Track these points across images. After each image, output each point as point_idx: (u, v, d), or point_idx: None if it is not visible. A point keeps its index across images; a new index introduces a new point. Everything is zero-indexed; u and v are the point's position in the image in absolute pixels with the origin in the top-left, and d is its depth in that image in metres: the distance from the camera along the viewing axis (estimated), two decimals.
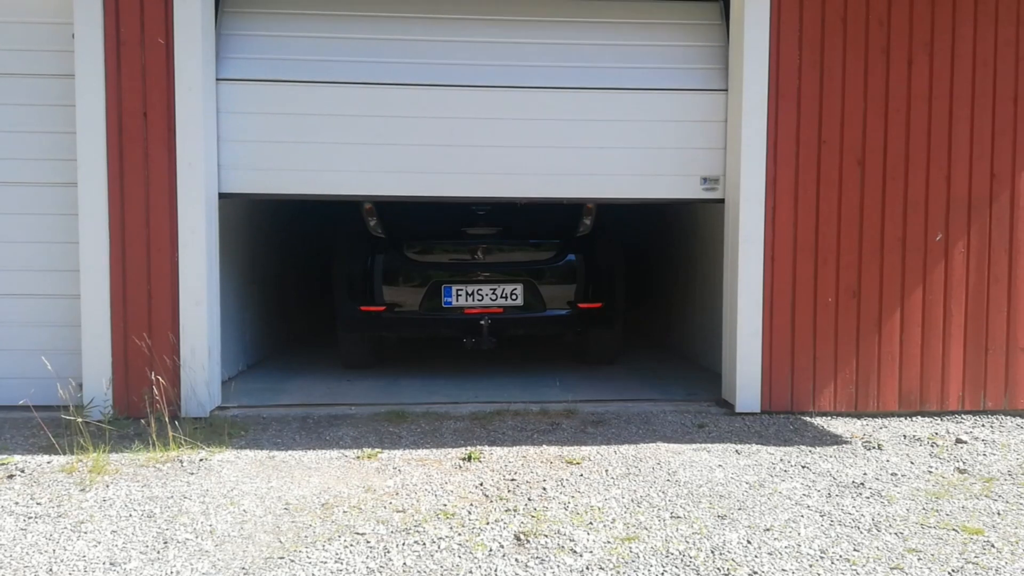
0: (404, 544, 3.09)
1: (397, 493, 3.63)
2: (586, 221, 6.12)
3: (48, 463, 4.01)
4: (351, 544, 3.09)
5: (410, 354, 7.14)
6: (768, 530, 3.25)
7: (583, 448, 4.31)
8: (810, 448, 4.40)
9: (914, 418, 5.06)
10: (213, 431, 4.49)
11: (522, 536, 3.16)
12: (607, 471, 3.94)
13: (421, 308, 5.90)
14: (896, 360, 5.09)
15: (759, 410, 5.04)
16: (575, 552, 3.03)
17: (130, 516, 3.35)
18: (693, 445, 4.40)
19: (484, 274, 5.93)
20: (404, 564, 2.93)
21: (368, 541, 3.12)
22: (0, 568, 2.88)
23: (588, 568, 2.90)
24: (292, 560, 2.96)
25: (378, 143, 5.07)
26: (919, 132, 5.02)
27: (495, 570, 2.88)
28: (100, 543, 3.09)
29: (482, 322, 5.83)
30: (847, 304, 5.05)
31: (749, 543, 3.12)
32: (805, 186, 4.99)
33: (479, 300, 5.88)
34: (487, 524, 3.28)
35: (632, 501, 3.55)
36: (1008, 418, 5.07)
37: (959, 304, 5.10)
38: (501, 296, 5.90)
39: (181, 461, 4.03)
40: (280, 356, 7.12)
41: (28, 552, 3.01)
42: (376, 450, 4.24)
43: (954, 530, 3.29)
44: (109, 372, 4.76)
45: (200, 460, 4.05)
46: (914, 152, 5.03)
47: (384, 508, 3.45)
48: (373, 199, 5.68)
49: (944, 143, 5.03)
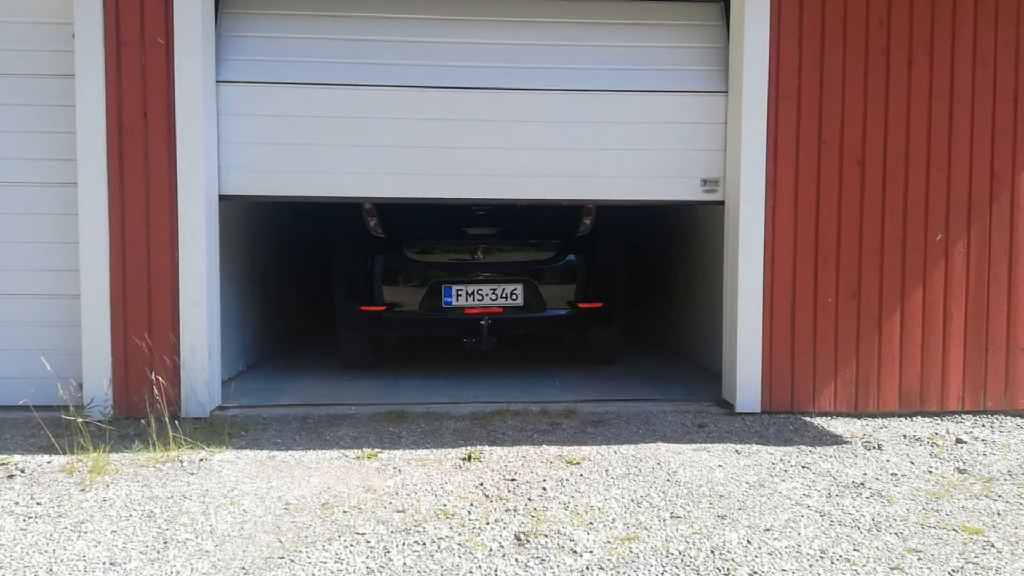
0: (404, 544, 3.09)
1: (397, 493, 3.63)
2: (586, 221, 6.12)
3: (48, 463, 4.01)
4: (351, 544, 3.09)
5: (410, 354, 7.14)
6: (768, 530, 3.25)
7: (583, 448, 4.31)
8: (810, 448, 4.40)
9: (914, 418, 5.06)
10: (213, 431, 4.49)
11: (522, 536, 3.16)
12: (607, 471, 3.94)
13: (421, 308, 5.90)
14: (896, 360, 5.09)
15: (759, 410, 5.04)
16: (575, 552, 3.03)
17: (130, 516, 3.35)
18: (693, 445, 4.41)
19: (484, 274, 5.93)
20: (404, 564, 2.93)
21: (368, 541, 3.12)
22: (0, 568, 2.88)
23: (588, 568, 2.90)
24: (292, 560, 2.96)
25: (378, 145, 5.07)
26: (919, 132, 5.02)
27: (495, 570, 2.88)
28: (100, 543, 3.09)
29: (482, 322, 5.83)
30: (847, 304, 5.05)
31: (749, 543, 3.13)
32: (805, 186, 4.99)
33: (479, 300, 5.88)
34: (487, 524, 3.28)
35: (632, 501, 3.55)
36: (1008, 418, 5.07)
37: (959, 304, 5.10)
38: (501, 296, 5.90)
39: (181, 461, 4.03)
40: (280, 356, 7.12)
41: (28, 552, 3.01)
42: (376, 450, 4.24)
43: (954, 530, 3.29)
44: (109, 372, 4.77)
45: (200, 460, 4.05)
46: (914, 152, 5.03)
47: (384, 508, 3.45)
48: (373, 201, 5.69)
49: (944, 143, 5.03)
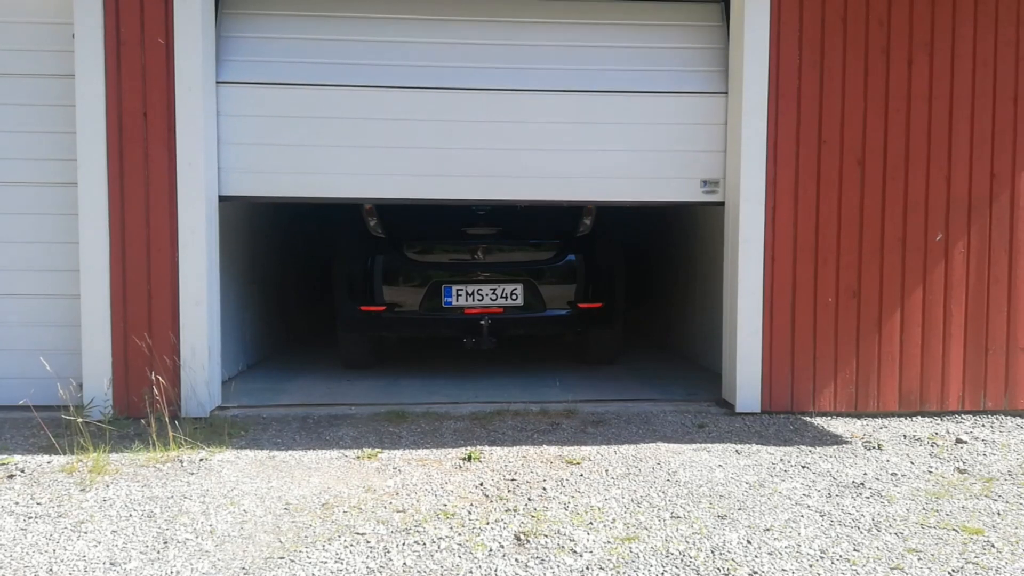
0: (404, 544, 3.09)
1: (397, 493, 3.63)
2: (586, 221, 6.12)
3: (48, 463, 4.01)
4: (351, 544, 3.09)
5: (410, 354, 7.14)
6: (768, 530, 3.25)
7: (583, 448, 4.31)
8: (810, 448, 4.40)
9: (914, 418, 5.06)
10: (213, 431, 4.49)
11: (522, 536, 3.16)
12: (607, 471, 3.94)
13: (421, 308, 5.90)
14: (896, 360, 5.09)
15: (759, 410, 5.04)
16: (575, 552, 3.03)
17: (130, 516, 3.35)
18: (693, 445, 4.41)
19: (484, 274, 5.93)
20: (404, 564, 2.93)
21: (368, 541, 3.12)
22: (0, 568, 2.88)
23: (588, 568, 2.90)
24: (292, 560, 2.96)
25: (379, 146, 5.06)
26: (919, 132, 5.02)
27: (495, 570, 2.88)
28: (100, 543, 3.09)
29: (482, 322, 5.83)
30: (847, 304, 5.05)
31: (749, 543, 3.12)
32: (805, 186, 4.99)
33: (479, 300, 5.88)
34: (487, 524, 3.28)
35: (632, 501, 3.55)
36: (1008, 418, 5.07)
37: (959, 304, 5.10)
38: (501, 296, 5.90)
39: (181, 461, 4.03)
40: (280, 356, 7.12)
41: (28, 552, 3.01)
42: (376, 450, 4.24)
43: (954, 530, 3.29)
44: (109, 372, 4.76)
45: (200, 460, 4.05)
46: (914, 152, 5.03)
47: (384, 508, 3.45)
48: (374, 202, 5.70)
49: (944, 143, 5.03)
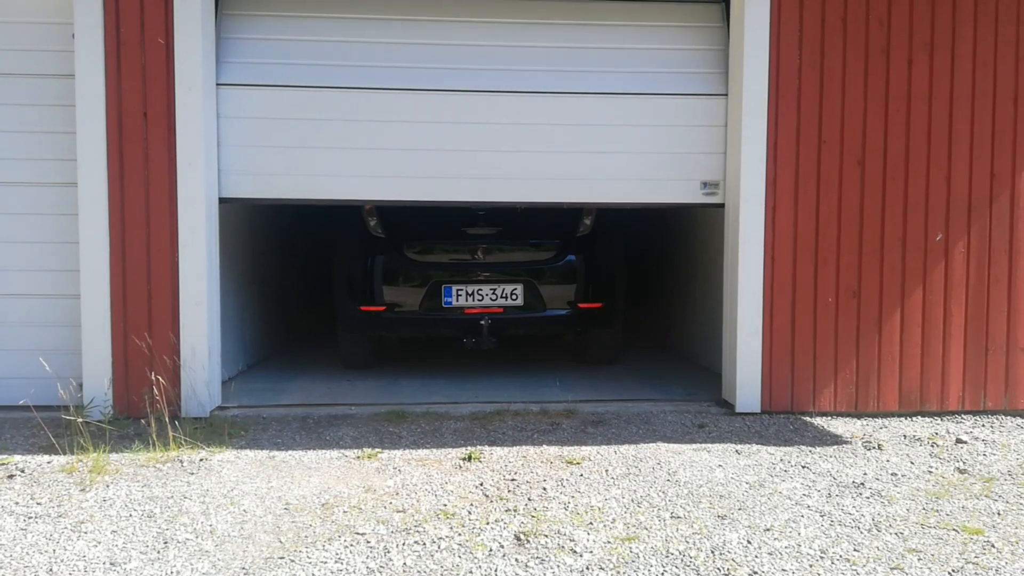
0: (404, 544, 3.09)
1: (397, 493, 3.63)
2: (586, 221, 6.12)
3: (48, 463, 4.01)
4: (351, 544, 3.09)
5: (410, 354, 7.14)
6: (768, 530, 3.25)
7: (583, 448, 4.31)
8: (810, 448, 4.40)
9: (914, 418, 5.06)
10: (213, 431, 4.49)
11: (522, 536, 3.16)
12: (607, 471, 3.94)
13: (421, 308, 5.90)
14: (896, 360, 5.09)
15: (759, 410, 5.04)
16: (575, 552, 3.03)
17: (130, 516, 3.35)
18: (693, 445, 4.40)
19: (484, 274, 5.93)
20: (404, 564, 2.93)
21: (368, 541, 3.12)
22: (0, 568, 2.88)
23: (588, 568, 2.90)
24: (292, 560, 2.96)
25: (379, 148, 5.06)
26: (919, 132, 5.02)
27: (495, 570, 2.88)
28: (100, 543, 3.09)
29: (482, 322, 5.83)
30: (847, 304, 5.05)
31: (749, 543, 3.12)
32: (805, 187, 4.99)
33: (479, 300, 5.88)
34: (487, 524, 3.28)
35: (632, 501, 3.55)
36: (1008, 418, 5.07)
37: (959, 304, 5.10)
38: (501, 296, 5.90)
39: (181, 461, 4.03)
40: (280, 356, 7.12)
41: (28, 552, 3.01)
42: (376, 450, 4.24)
43: (954, 530, 3.29)
44: (109, 372, 4.76)
45: (200, 460, 4.05)
46: (914, 152, 5.03)
47: (384, 508, 3.45)
48: (374, 204, 5.71)
49: (944, 143, 5.03)
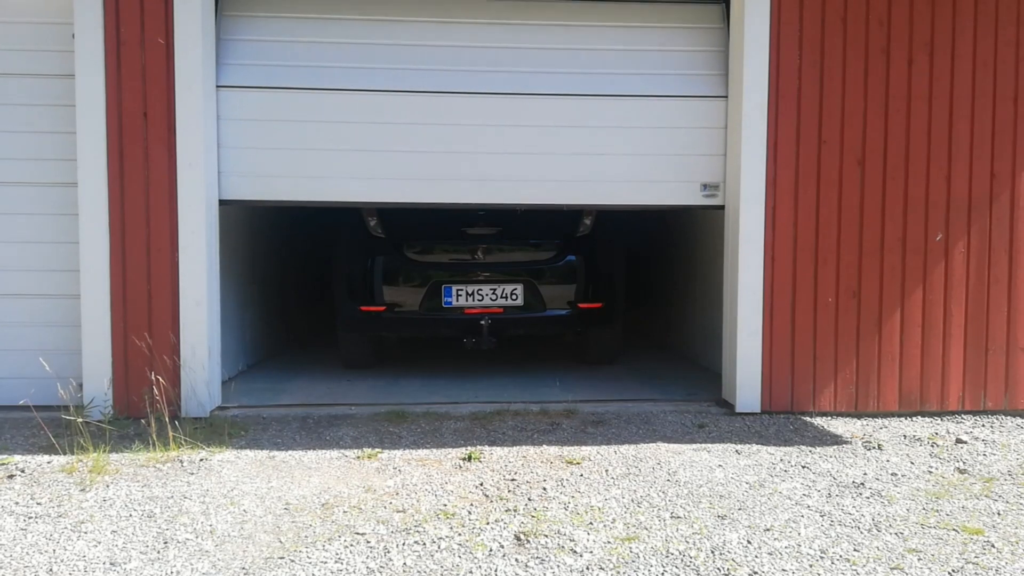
0: (404, 544, 3.09)
1: (397, 493, 3.63)
2: (586, 221, 6.12)
3: (48, 463, 4.01)
4: (351, 544, 3.09)
5: (410, 354, 7.14)
6: (768, 530, 3.25)
7: (583, 448, 4.31)
8: (810, 448, 4.40)
9: (914, 418, 5.06)
10: (213, 431, 4.49)
11: (522, 536, 3.16)
12: (607, 471, 3.94)
13: (421, 308, 5.90)
14: (896, 360, 5.09)
15: (759, 410, 5.04)
16: (575, 552, 3.03)
17: (130, 516, 3.35)
18: (693, 445, 4.40)
19: (484, 274, 5.93)
20: (404, 564, 2.93)
21: (368, 541, 3.12)
22: (0, 568, 2.88)
23: (588, 568, 2.90)
24: (292, 560, 2.96)
25: (379, 150, 5.06)
26: (919, 132, 5.02)
27: (495, 570, 2.88)
28: (100, 543, 3.09)
29: (482, 322, 5.83)
30: (847, 304, 5.05)
31: (749, 543, 3.12)
32: (805, 187, 4.99)
33: (479, 300, 5.88)
34: (487, 524, 3.28)
35: (632, 501, 3.55)
36: (1008, 418, 5.07)
37: (959, 304, 5.10)
38: (501, 296, 5.90)
39: (181, 461, 4.03)
40: (280, 356, 7.12)
41: (28, 552, 3.01)
42: (376, 450, 4.24)
43: (954, 530, 3.29)
44: (109, 372, 4.77)
45: (200, 460, 4.05)
46: (914, 152, 5.03)
47: (384, 508, 3.45)
48: (374, 206, 5.72)
49: (944, 143, 5.03)
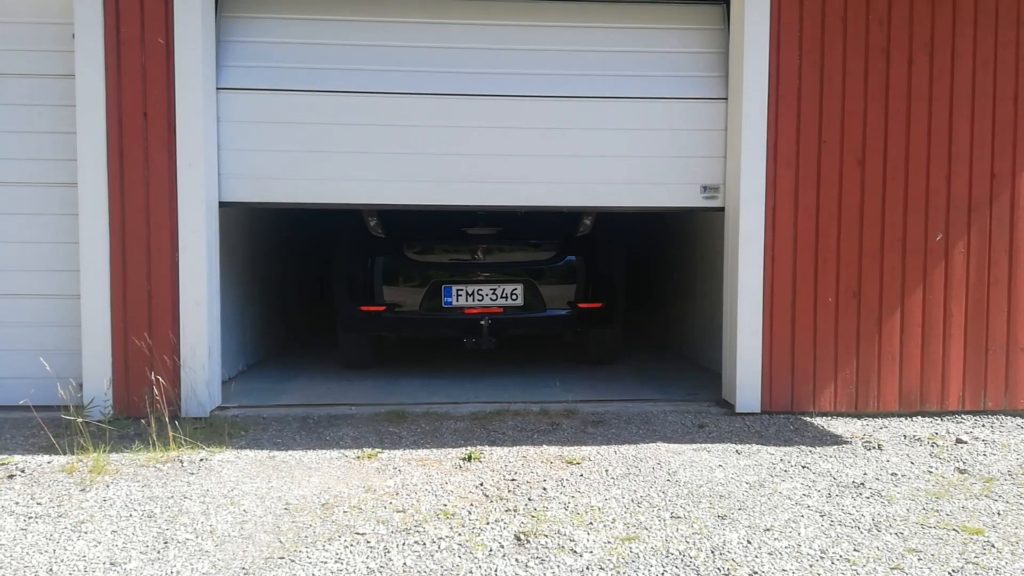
0: (404, 544, 3.09)
1: (397, 493, 3.63)
2: (586, 222, 6.12)
3: (48, 463, 4.01)
4: (351, 544, 3.09)
5: (410, 354, 7.14)
6: (768, 530, 3.25)
7: (583, 448, 4.31)
8: (810, 448, 4.40)
9: (914, 418, 5.06)
10: (213, 431, 4.49)
11: (522, 536, 3.16)
12: (607, 471, 3.94)
13: (421, 308, 5.90)
14: (896, 360, 5.09)
15: (759, 410, 5.04)
16: (575, 552, 3.03)
17: (130, 516, 3.35)
18: (693, 445, 4.40)
19: (484, 274, 5.93)
20: (404, 564, 2.93)
21: (368, 541, 3.12)
22: (0, 568, 2.88)
23: (588, 568, 2.90)
24: (292, 560, 2.96)
25: (380, 152, 5.06)
26: (919, 132, 5.02)
27: (495, 570, 2.88)
28: (100, 543, 3.09)
29: (482, 322, 5.83)
30: (847, 304, 5.05)
31: (749, 543, 3.12)
32: (805, 187, 4.99)
33: (479, 300, 5.88)
34: (487, 524, 3.28)
35: (632, 501, 3.55)
36: (1008, 418, 5.07)
37: (959, 304, 5.10)
38: (501, 296, 5.90)
39: (181, 461, 4.03)
40: (280, 356, 7.12)
41: (28, 552, 3.01)
42: (376, 450, 4.24)
43: (954, 530, 3.29)
44: (109, 372, 4.76)
45: (200, 460, 4.05)
46: (914, 152, 5.03)
47: (384, 508, 3.45)
48: (374, 208, 5.72)
49: (944, 143, 5.03)
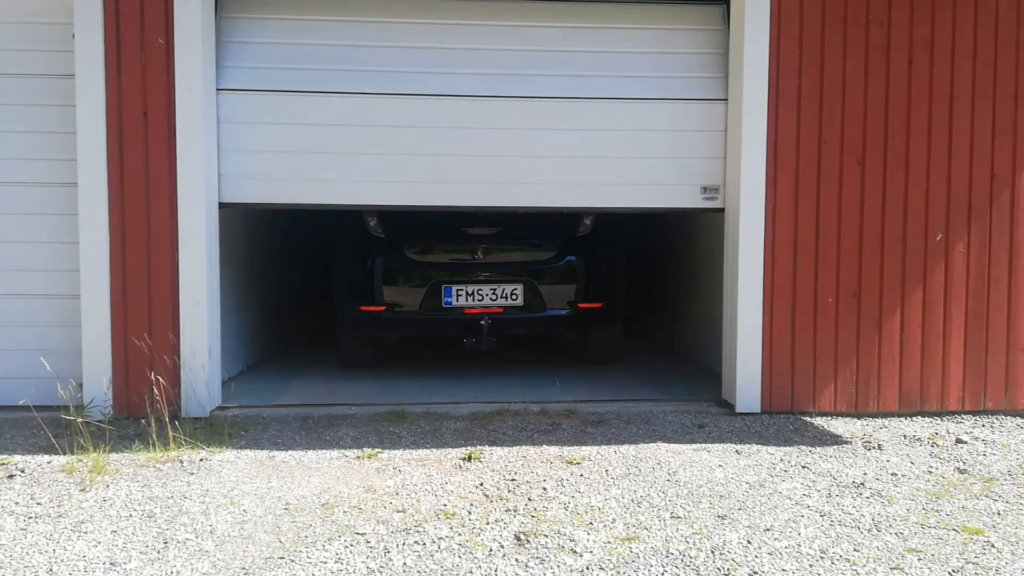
0: (404, 544, 3.09)
1: (397, 493, 3.63)
2: (586, 221, 6.12)
3: (48, 463, 4.01)
4: (351, 544, 3.09)
5: (410, 354, 7.14)
6: (768, 530, 3.25)
7: (583, 448, 4.31)
8: (810, 448, 4.40)
9: (914, 418, 5.06)
10: (213, 431, 4.49)
11: (522, 536, 3.16)
12: (607, 471, 3.94)
13: (421, 308, 5.90)
14: (896, 360, 5.09)
15: (759, 410, 5.04)
16: (575, 552, 3.03)
17: (130, 516, 3.35)
18: (693, 445, 4.40)
19: (484, 274, 5.93)
20: (404, 564, 2.93)
21: (368, 541, 3.12)
22: (0, 568, 2.88)
23: (588, 568, 2.90)
24: (292, 560, 2.96)
25: (380, 153, 5.06)
26: (919, 132, 5.02)
27: (495, 570, 2.88)
28: (100, 543, 3.09)
29: (482, 322, 5.83)
30: (847, 304, 5.05)
31: (749, 543, 3.12)
32: (805, 187, 4.99)
33: (479, 300, 5.88)
34: (487, 524, 3.28)
35: (632, 501, 3.55)
36: (1008, 418, 5.07)
37: (959, 304, 5.10)
38: (501, 296, 5.90)
39: (181, 461, 4.03)
40: (280, 356, 7.12)
41: (28, 552, 3.01)
42: (376, 450, 4.24)
43: (954, 530, 3.29)
44: (109, 372, 4.76)
45: (200, 460, 4.05)
46: (914, 152, 5.03)
47: (384, 508, 3.45)
48: (375, 209, 5.72)
49: (944, 143, 5.03)
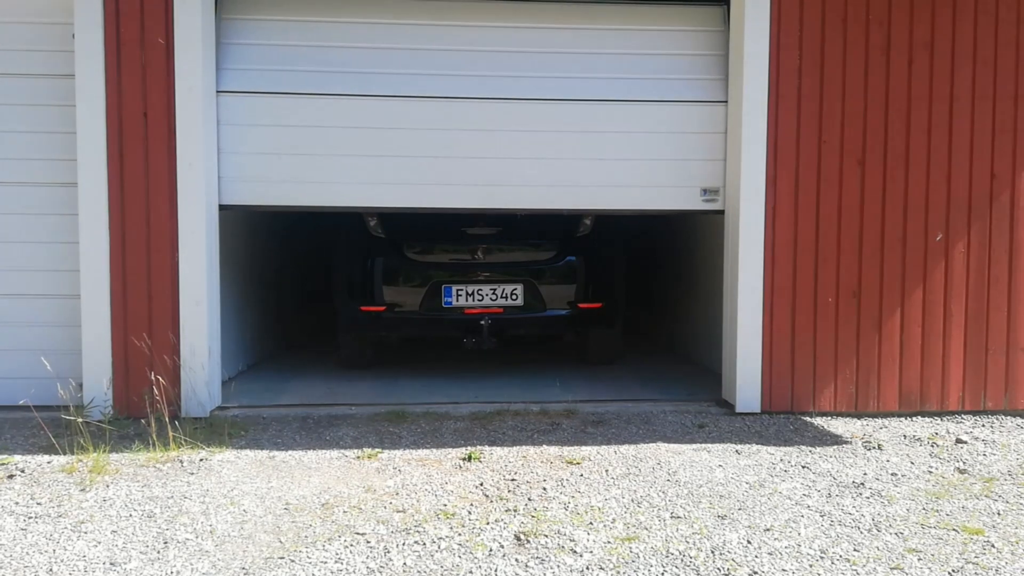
0: (404, 544, 3.09)
1: (397, 493, 3.63)
2: (586, 222, 6.11)
3: (48, 463, 4.01)
4: (351, 544, 3.09)
5: (410, 354, 7.14)
6: (768, 530, 3.25)
7: (583, 448, 4.31)
8: (810, 448, 4.40)
9: (914, 418, 5.06)
10: (213, 431, 4.49)
11: (522, 536, 3.16)
12: (607, 471, 3.94)
13: (421, 308, 5.91)
14: (896, 360, 5.09)
15: (759, 410, 5.04)
16: (575, 552, 3.03)
17: (130, 516, 3.35)
18: (693, 445, 4.41)
19: (484, 274, 5.93)
20: (404, 564, 2.93)
21: (368, 541, 3.12)
22: (0, 568, 2.88)
23: (588, 568, 2.90)
24: (292, 560, 2.96)
25: (380, 155, 5.06)
26: (919, 132, 5.02)
27: (495, 570, 2.88)
28: (100, 543, 3.09)
29: (482, 322, 5.83)
30: (847, 304, 5.05)
31: (749, 543, 3.12)
32: (805, 187, 4.99)
33: (479, 300, 5.89)
34: (487, 524, 3.28)
35: (632, 501, 3.55)
36: (1008, 418, 5.07)
37: (959, 304, 5.10)
38: (501, 296, 5.90)
39: (181, 461, 4.03)
40: (280, 356, 7.12)
41: (28, 552, 3.01)
42: (376, 450, 4.24)
43: (954, 530, 3.29)
44: (109, 372, 4.77)
45: (200, 460, 4.05)
46: (914, 152, 5.03)
47: (384, 508, 3.45)
48: (375, 211, 5.73)
49: (944, 143, 5.03)
